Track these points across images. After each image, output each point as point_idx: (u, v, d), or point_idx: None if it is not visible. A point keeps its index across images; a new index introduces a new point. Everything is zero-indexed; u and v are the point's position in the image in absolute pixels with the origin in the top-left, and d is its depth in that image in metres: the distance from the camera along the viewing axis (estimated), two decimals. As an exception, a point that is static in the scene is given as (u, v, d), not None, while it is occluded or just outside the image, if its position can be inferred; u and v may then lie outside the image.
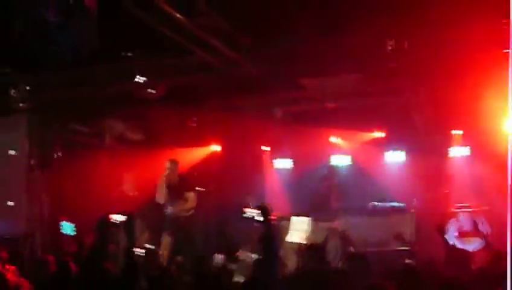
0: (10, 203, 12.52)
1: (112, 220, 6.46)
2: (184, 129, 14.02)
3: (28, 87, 11.34)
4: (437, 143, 13.74)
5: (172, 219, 11.75)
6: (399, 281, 5.59)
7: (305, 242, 11.21)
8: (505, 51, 2.86)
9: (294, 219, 12.32)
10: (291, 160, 15.55)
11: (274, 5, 8.79)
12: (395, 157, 14.56)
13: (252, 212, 6.71)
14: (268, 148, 15.66)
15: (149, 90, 11.10)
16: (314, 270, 6.12)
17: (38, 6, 6.46)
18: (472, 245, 11.22)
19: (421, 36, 9.43)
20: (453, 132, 13.80)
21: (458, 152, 13.77)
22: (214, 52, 9.84)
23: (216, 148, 15.25)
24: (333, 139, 14.90)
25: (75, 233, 12.36)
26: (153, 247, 10.73)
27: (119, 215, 6.41)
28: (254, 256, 10.93)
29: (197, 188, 12.19)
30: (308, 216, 12.32)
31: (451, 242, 11.42)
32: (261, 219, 5.72)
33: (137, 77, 10.62)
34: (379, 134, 14.51)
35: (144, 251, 10.15)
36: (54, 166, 12.83)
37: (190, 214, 11.95)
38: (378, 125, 14.15)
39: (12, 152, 12.61)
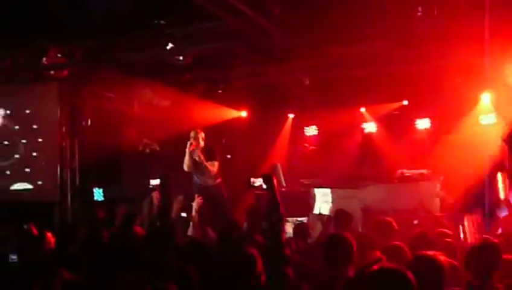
0: (38, 170, 12.78)
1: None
2: (212, 96, 14.09)
3: (59, 55, 11.47)
4: (464, 110, 13.69)
5: (201, 188, 11.84)
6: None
7: (328, 213, 11.28)
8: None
9: (317, 190, 12.40)
10: (319, 127, 15.62)
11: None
12: (423, 125, 14.55)
13: (258, 181, 6.80)
14: (295, 115, 15.73)
15: (178, 57, 11.15)
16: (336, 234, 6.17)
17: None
18: (502, 212, 11.20)
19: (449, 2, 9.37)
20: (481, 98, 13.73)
21: (486, 120, 13.69)
22: (243, 18, 9.85)
23: (244, 115, 15.32)
24: (362, 105, 14.91)
25: (103, 199, 12.56)
26: (185, 214, 10.81)
27: (155, 180, 6.51)
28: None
29: (227, 156, 12.21)
30: (336, 184, 12.41)
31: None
32: (266, 187, 5.88)
33: (169, 44, 10.67)
34: (407, 100, 14.48)
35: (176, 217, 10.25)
36: (85, 133, 12.99)
37: (217, 182, 12.02)
38: (405, 93, 14.11)
39: (43, 120, 12.79)
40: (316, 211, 11.98)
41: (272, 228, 5.58)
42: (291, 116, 15.76)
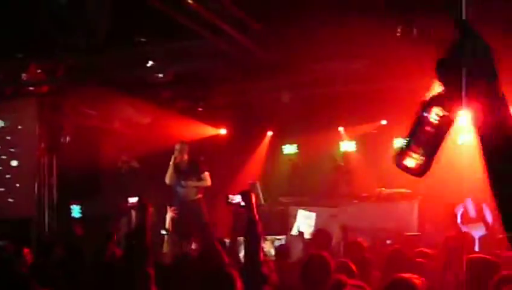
0: (16, 185, 12.69)
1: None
2: (192, 113, 14.10)
3: (39, 71, 11.43)
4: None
5: (182, 201, 11.82)
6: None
7: (310, 237, 11.29)
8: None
9: (301, 212, 12.42)
10: (298, 145, 15.61)
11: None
12: (402, 144, 14.61)
13: (236, 198, 6.82)
14: (274, 133, 15.73)
15: (158, 74, 11.17)
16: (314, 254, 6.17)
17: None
18: (477, 232, 11.22)
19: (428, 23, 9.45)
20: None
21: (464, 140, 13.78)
22: (224, 37, 9.88)
23: (223, 132, 15.32)
24: (341, 124, 14.95)
25: (80, 215, 12.48)
26: (167, 232, 10.73)
27: (133, 198, 6.48)
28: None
29: (206, 172, 12.22)
30: (315, 203, 12.43)
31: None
32: (244, 204, 5.87)
33: (149, 62, 10.68)
34: (386, 120, 14.55)
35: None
36: (64, 149, 12.92)
37: (198, 197, 12.02)
38: (385, 111, 14.18)
39: (22, 136, 12.72)
40: (295, 230, 11.98)
41: (249, 246, 5.56)
42: (269, 133, 15.76)
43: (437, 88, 1.74)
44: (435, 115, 1.70)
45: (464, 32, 1.65)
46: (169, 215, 10.79)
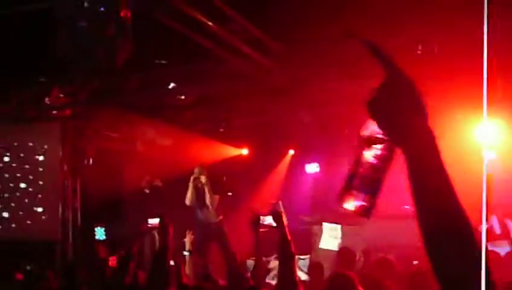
0: (39, 209, 12.75)
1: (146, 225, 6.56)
2: (213, 134, 14.13)
3: (61, 95, 11.53)
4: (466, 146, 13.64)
5: (203, 225, 11.84)
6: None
7: (336, 249, 11.24)
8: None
9: (326, 225, 12.36)
10: (319, 163, 15.57)
11: (304, 9, 8.84)
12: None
13: (266, 219, 6.78)
14: (296, 152, 15.70)
15: (180, 96, 11.23)
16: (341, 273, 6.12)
17: (75, 17, 6.59)
18: (502, 249, 11.08)
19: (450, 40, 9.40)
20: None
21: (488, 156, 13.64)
22: (244, 57, 9.91)
23: (245, 152, 15.33)
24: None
25: (104, 237, 12.52)
26: (189, 253, 10.72)
27: (154, 219, 6.49)
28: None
29: (228, 193, 12.25)
30: (337, 221, 12.36)
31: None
32: (275, 224, 5.82)
33: (171, 84, 10.75)
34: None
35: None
36: (87, 172, 12.99)
37: (219, 220, 12.01)
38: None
39: (46, 159, 12.80)
40: (322, 243, 11.93)
41: (284, 266, 5.50)
42: (291, 152, 15.74)
43: (372, 125, 1.71)
44: (371, 154, 1.67)
45: (380, 60, 1.62)
46: (188, 238, 10.82)
